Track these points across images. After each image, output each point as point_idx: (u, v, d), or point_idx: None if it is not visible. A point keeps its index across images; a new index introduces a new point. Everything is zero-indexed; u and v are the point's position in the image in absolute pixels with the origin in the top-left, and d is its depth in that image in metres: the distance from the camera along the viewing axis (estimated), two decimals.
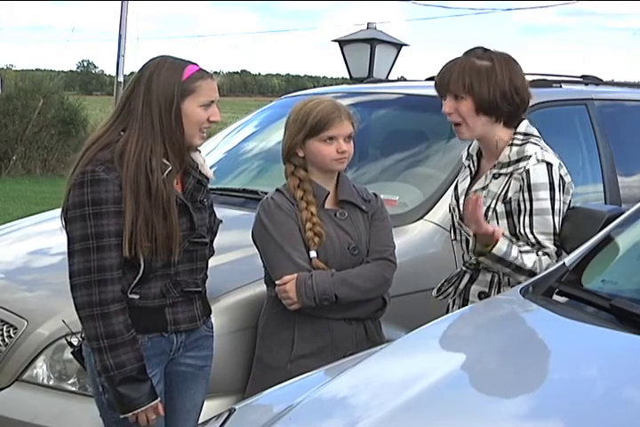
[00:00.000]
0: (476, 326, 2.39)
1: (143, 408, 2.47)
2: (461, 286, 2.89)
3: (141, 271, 2.47)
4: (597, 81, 4.81)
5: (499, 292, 2.80)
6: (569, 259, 2.48)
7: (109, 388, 2.47)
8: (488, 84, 2.72)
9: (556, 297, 2.34)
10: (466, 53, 2.81)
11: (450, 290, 2.92)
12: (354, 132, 2.88)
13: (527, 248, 2.70)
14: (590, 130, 4.15)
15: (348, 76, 10.38)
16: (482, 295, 2.84)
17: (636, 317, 2.08)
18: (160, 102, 2.47)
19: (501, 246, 2.66)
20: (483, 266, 2.83)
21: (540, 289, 2.38)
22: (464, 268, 2.89)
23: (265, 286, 2.95)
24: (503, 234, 2.69)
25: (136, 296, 2.49)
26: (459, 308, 2.91)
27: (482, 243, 2.69)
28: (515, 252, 2.67)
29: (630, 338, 2.03)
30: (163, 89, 2.47)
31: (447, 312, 2.99)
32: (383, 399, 1.88)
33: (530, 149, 2.75)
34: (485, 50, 2.80)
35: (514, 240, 2.73)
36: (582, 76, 4.87)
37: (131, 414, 2.47)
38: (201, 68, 2.54)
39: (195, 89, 2.49)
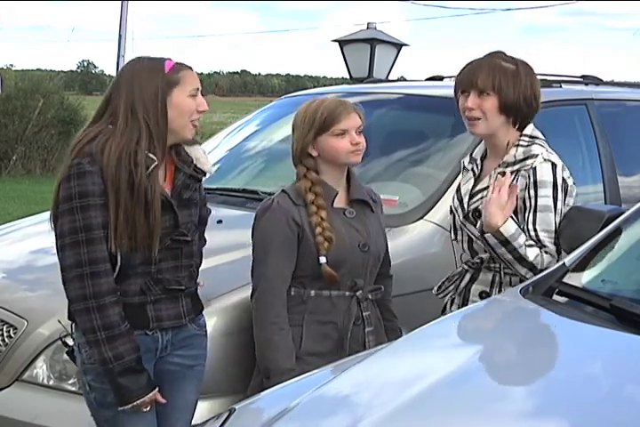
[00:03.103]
0: (476, 326, 2.39)
1: (142, 399, 2.47)
2: (462, 284, 2.90)
3: (118, 268, 2.46)
4: (597, 81, 4.81)
5: (500, 291, 2.81)
6: (569, 259, 2.48)
7: (108, 380, 2.46)
8: (514, 87, 2.78)
9: (555, 297, 2.34)
10: (489, 55, 2.87)
11: (450, 288, 2.94)
12: (363, 125, 2.89)
13: (531, 242, 2.72)
14: (590, 130, 4.15)
15: (348, 76, 10.38)
16: (483, 295, 2.85)
17: (636, 317, 2.08)
18: (145, 98, 2.47)
19: (510, 228, 2.68)
20: (485, 265, 2.84)
21: (540, 289, 2.39)
22: (466, 267, 2.90)
23: None
24: (514, 220, 2.71)
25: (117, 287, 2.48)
26: (458, 307, 2.92)
27: (487, 223, 2.71)
28: (521, 239, 2.69)
29: (630, 338, 2.03)
30: (147, 84, 2.48)
31: (444, 311, 3.01)
32: (385, 398, 1.88)
33: (536, 149, 2.81)
34: (506, 55, 2.86)
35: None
36: (582, 76, 4.87)
37: (130, 405, 2.47)
38: (177, 62, 2.56)
39: (180, 79, 2.51)
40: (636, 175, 4.34)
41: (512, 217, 2.71)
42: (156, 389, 2.52)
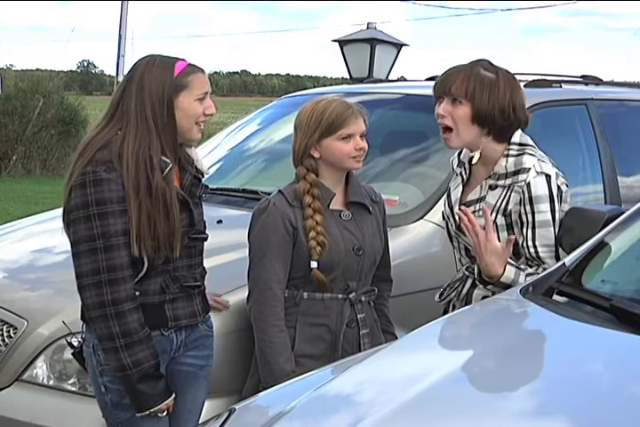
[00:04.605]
0: (476, 326, 2.39)
1: (160, 405, 2.49)
2: (464, 290, 2.87)
3: (145, 269, 2.48)
4: (597, 81, 4.81)
5: None
6: (569, 259, 2.48)
7: (126, 387, 2.47)
8: (489, 96, 2.70)
9: (556, 297, 2.34)
10: (471, 63, 2.80)
11: (452, 295, 2.91)
12: (367, 130, 2.88)
13: (531, 271, 2.69)
14: (590, 130, 4.15)
15: (348, 76, 10.38)
16: (485, 299, 2.82)
17: (636, 317, 2.08)
18: (153, 100, 2.48)
19: (509, 275, 2.64)
20: None
21: (540, 289, 2.38)
22: (466, 273, 2.88)
23: None
24: (510, 263, 2.66)
25: (136, 293, 2.49)
26: None
27: (486, 274, 2.66)
28: (522, 278, 2.64)
29: (630, 338, 2.03)
30: (155, 87, 2.49)
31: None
32: (386, 398, 1.88)
33: (528, 160, 2.73)
34: (491, 63, 2.80)
35: (515, 261, 2.70)
36: (582, 76, 4.87)
37: (148, 412, 2.48)
38: (190, 63, 2.56)
39: (188, 84, 2.51)
40: (636, 175, 4.34)
41: (509, 261, 2.65)
42: (173, 395, 2.54)
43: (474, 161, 2.79)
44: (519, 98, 2.77)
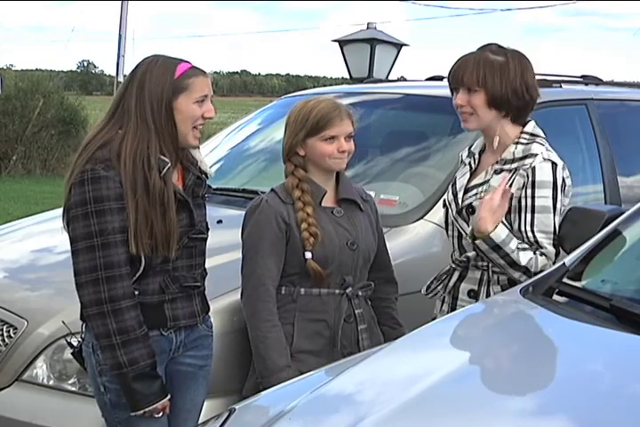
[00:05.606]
0: (476, 326, 2.39)
1: (155, 405, 2.48)
2: (451, 283, 2.89)
3: (142, 268, 2.48)
4: (597, 81, 4.82)
5: (488, 290, 2.80)
6: (569, 259, 2.48)
7: (121, 385, 2.46)
8: (501, 79, 2.76)
9: (556, 297, 2.34)
10: (480, 48, 2.85)
11: (439, 288, 2.93)
12: (354, 131, 2.90)
13: (525, 246, 2.71)
14: (590, 130, 4.16)
15: (348, 76, 10.38)
16: (471, 293, 2.84)
17: (636, 317, 2.08)
18: (152, 101, 2.48)
19: (500, 233, 2.67)
20: (472, 263, 2.83)
21: (540, 289, 2.39)
22: (453, 265, 2.90)
23: None
24: (505, 224, 2.70)
25: (135, 292, 2.49)
26: (448, 306, 2.92)
27: (476, 228, 2.69)
28: (513, 244, 2.68)
29: (630, 338, 2.04)
30: (155, 87, 2.49)
31: (433, 312, 3.00)
32: (386, 397, 1.88)
33: (536, 148, 2.78)
34: (500, 46, 2.84)
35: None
36: (582, 76, 4.87)
37: (142, 411, 2.47)
38: (193, 66, 2.56)
39: (187, 86, 2.51)
40: (636, 175, 4.34)
41: (503, 222, 2.69)
42: (169, 396, 2.53)
43: (494, 144, 2.82)
44: (530, 76, 2.82)
